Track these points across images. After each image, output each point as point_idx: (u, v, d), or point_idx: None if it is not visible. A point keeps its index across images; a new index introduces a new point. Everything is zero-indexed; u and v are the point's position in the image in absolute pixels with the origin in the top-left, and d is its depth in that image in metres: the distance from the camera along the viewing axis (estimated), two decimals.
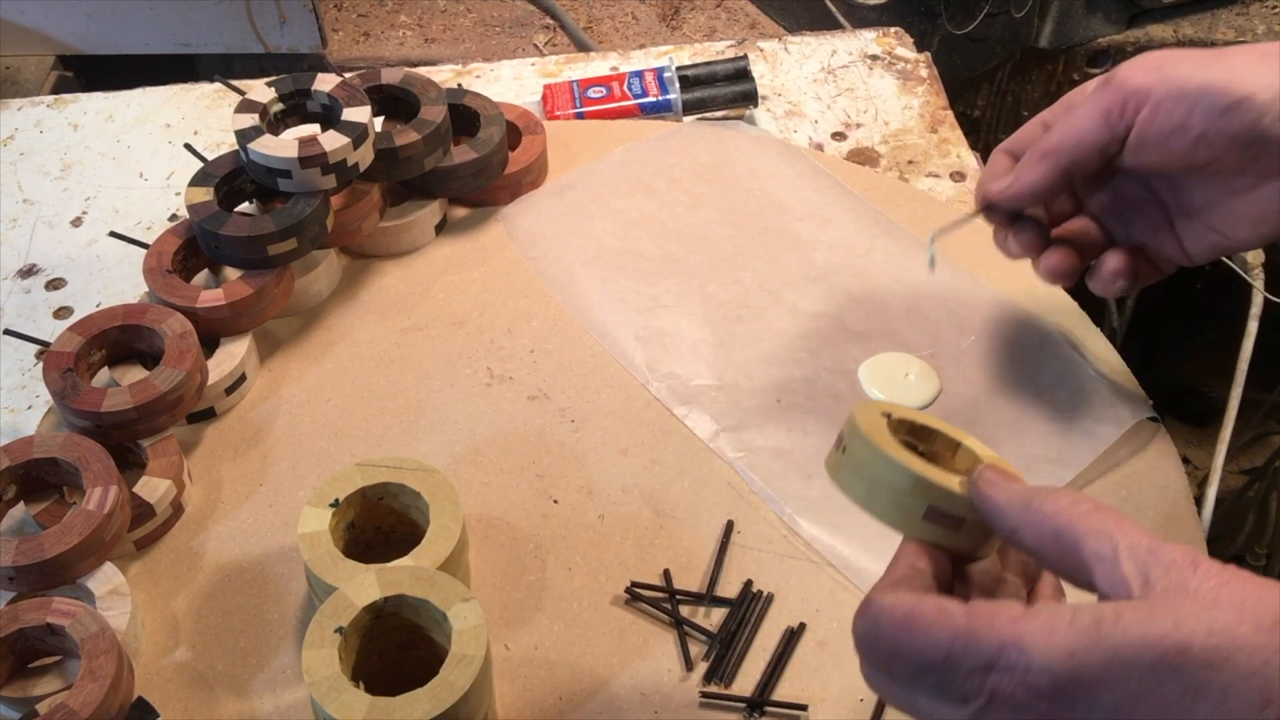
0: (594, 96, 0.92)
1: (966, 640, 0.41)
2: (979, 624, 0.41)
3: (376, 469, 0.62)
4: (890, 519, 0.46)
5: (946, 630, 0.41)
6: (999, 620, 0.40)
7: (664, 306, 0.77)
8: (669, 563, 0.65)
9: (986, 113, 1.29)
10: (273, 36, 1.12)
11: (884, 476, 0.45)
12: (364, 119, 0.75)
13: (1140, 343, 1.50)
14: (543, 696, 0.60)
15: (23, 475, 0.64)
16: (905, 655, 0.42)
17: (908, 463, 0.45)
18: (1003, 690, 0.40)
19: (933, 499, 0.45)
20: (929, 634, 0.41)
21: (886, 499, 0.45)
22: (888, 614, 0.43)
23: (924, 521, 0.45)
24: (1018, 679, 0.39)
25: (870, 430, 0.46)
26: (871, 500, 0.46)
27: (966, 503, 0.45)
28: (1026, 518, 0.43)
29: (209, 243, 0.74)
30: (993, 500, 0.44)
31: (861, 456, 0.46)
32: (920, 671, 0.42)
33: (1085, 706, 0.39)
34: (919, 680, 0.42)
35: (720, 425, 0.71)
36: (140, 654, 0.62)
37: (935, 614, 0.42)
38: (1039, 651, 0.39)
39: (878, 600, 0.43)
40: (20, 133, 0.96)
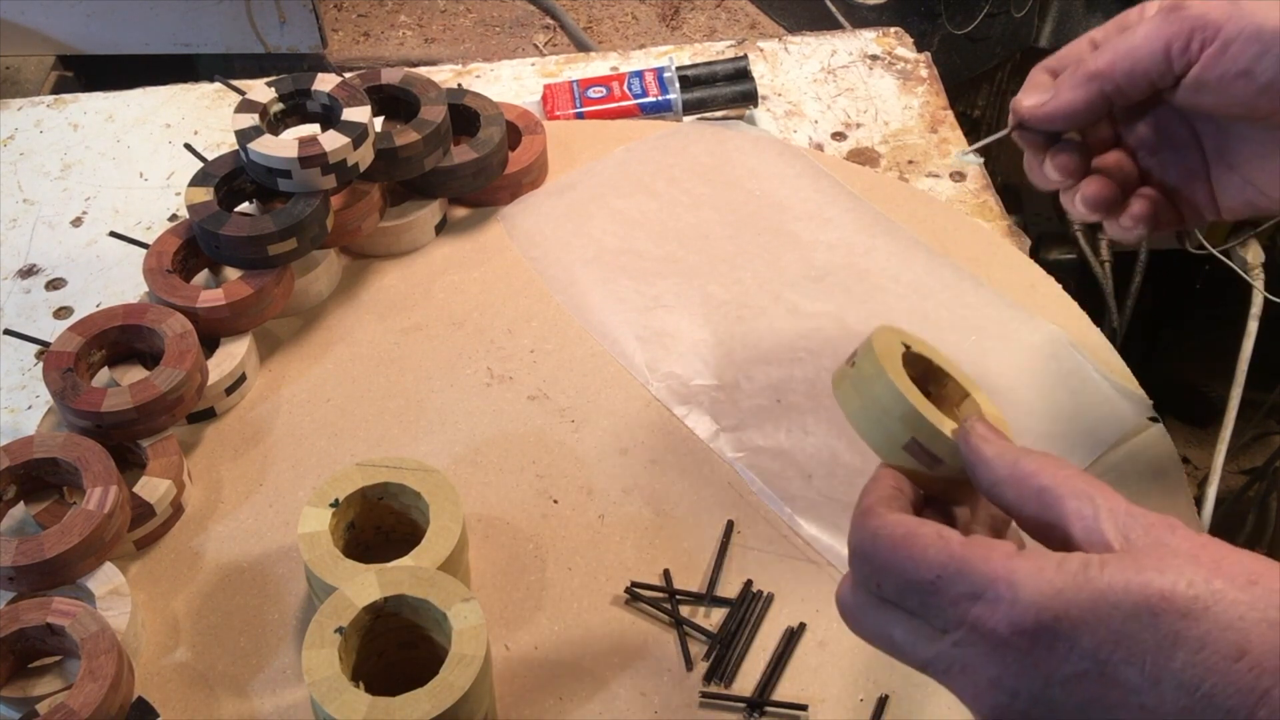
0: (594, 96, 0.92)
1: (959, 566, 0.41)
2: (974, 554, 0.41)
3: (376, 469, 0.62)
4: (873, 439, 0.47)
5: (941, 554, 0.42)
6: (994, 554, 0.41)
7: (664, 306, 0.77)
8: (669, 563, 0.65)
9: (986, 113, 1.29)
10: (273, 36, 1.12)
11: (879, 397, 0.46)
12: (364, 119, 0.75)
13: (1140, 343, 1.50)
14: (543, 696, 0.60)
15: (23, 475, 0.64)
16: (896, 572, 0.43)
17: (905, 391, 0.46)
18: (984, 622, 0.40)
19: (918, 432, 0.46)
20: (924, 554, 0.42)
21: (875, 419, 0.46)
22: (888, 530, 0.43)
23: (903, 451, 0.46)
24: (1002, 612, 0.40)
25: (882, 353, 0.47)
26: (861, 417, 0.47)
27: (950, 446, 0.46)
28: (1010, 473, 0.44)
29: (209, 243, 0.74)
30: (980, 453, 0.45)
31: (865, 373, 0.47)
32: (906, 590, 0.42)
33: (1065, 646, 0.39)
34: (903, 599, 0.43)
35: (720, 425, 0.71)
36: (140, 654, 0.62)
37: (934, 537, 0.42)
38: (1028, 588, 0.40)
39: (880, 515, 0.44)
40: (20, 133, 0.96)
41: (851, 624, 0.46)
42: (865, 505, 0.45)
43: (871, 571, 0.44)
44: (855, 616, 0.45)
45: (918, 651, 0.43)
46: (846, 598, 0.46)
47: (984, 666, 0.41)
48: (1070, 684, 0.39)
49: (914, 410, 0.46)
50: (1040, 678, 0.40)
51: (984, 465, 0.45)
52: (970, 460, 0.45)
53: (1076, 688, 0.39)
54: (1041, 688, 0.40)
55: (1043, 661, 0.40)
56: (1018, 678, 0.40)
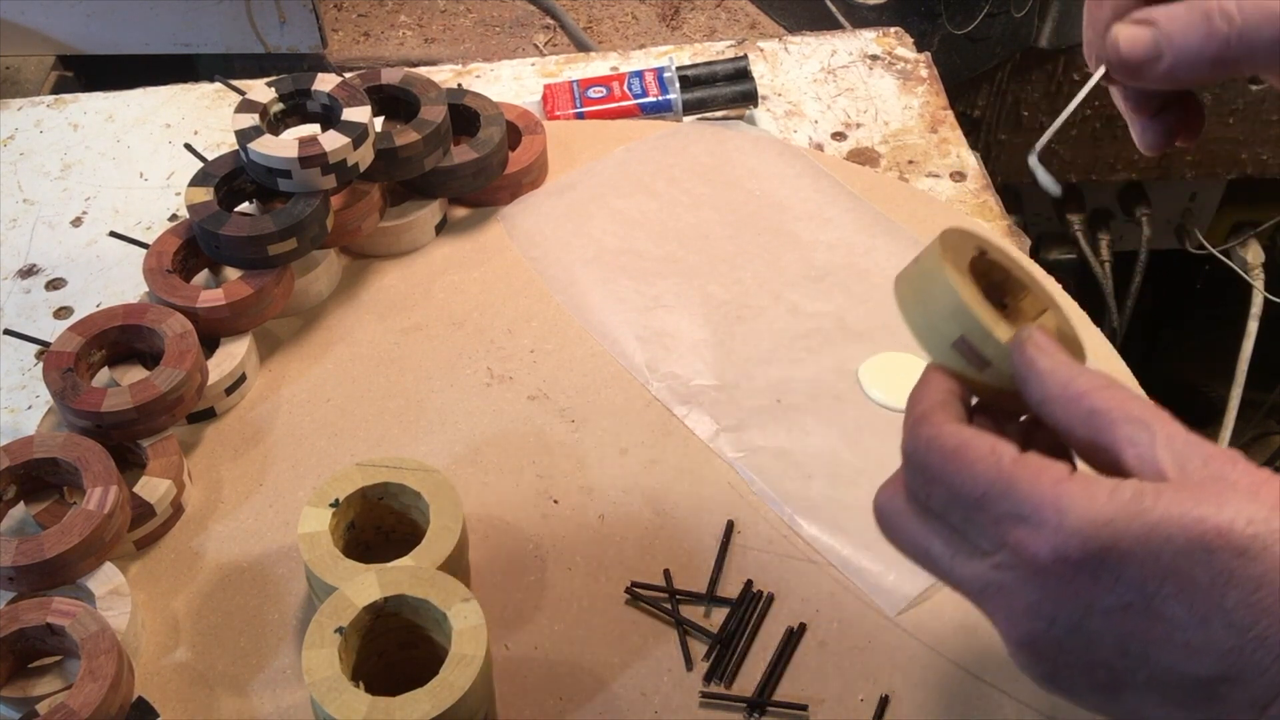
0: (594, 96, 0.92)
1: (1006, 485, 0.39)
2: (1023, 474, 0.39)
3: (376, 469, 0.62)
4: (922, 333, 0.45)
5: (990, 471, 0.40)
6: (1043, 476, 0.39)
7: (664, 306, 0.77)
8: (669, 563, 0.65)
9: (986, 113, 1.29)
10: (273, 36, 1.12)
11: (933, 291, 0.44)
12: (364, 119, 0.75)
13: (1140, 343, 1.50)
14: (543, 696, 0.60)
15: (23, 475, 0.64)
16: (944, 483, 0.41)
17: (959, 286, 0.44)
18: (1026, 546, 0.39)
19: (968, 330, 0.44)
20: (972, 469, 0.40)
21: (926, 314, 0.45)
22: (942, 439, 0.41)
23: (952, 349, 0.44)
24: (1045, 538, 0.38)
25: (946, 250, 0.45)
26: (914, 310, 0.45)
27: (1002, 351, 0.43)
28: (1061, 391, 0.42)
29: (209, 243, 0.74)
30: (1033, 364, 0.42)
31: (924, 266, 0.45)
32: (951, 504, 0.41)
33: (1110, 578, 0.38)
34: (948, 513, 0.41)
35: (720, 425, 0.71)
36: (140, 654, 0.62)
37: (986, 452, 0.40)
38: (1076, 513, 0.38)
39: (936, 422, 0.42)
40: (20, 133, 0.96)
41: (888, 531, 0.44)
42: (920, 411, 0.43)
43: (923, 481, 0.42)
44: (894, 524, 0.44)
45: (954, 569, 0.42)
46: (889, 504, 0.44)
47: (1022, 592, 0.39)
48: (1112, 615, 0.38)
49: (965, 306, 0.44)
50: (1080, 607, 0.39)
51: (1035, 378, 0.42)
52: (1021, 372, 0.43)
53: (1118, 620, 0.38)
54: (1080, 617, 0.39)
55: (1085, 591, 0.38)
56: (1056, 605, 0.39)
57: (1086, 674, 0.40)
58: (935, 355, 0.45)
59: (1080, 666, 0.40)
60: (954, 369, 0.45)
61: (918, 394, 0.44)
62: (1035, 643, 0.40)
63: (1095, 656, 0.39)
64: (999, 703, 0.59)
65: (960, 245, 0.46)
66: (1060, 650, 0.40)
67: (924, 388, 0.44)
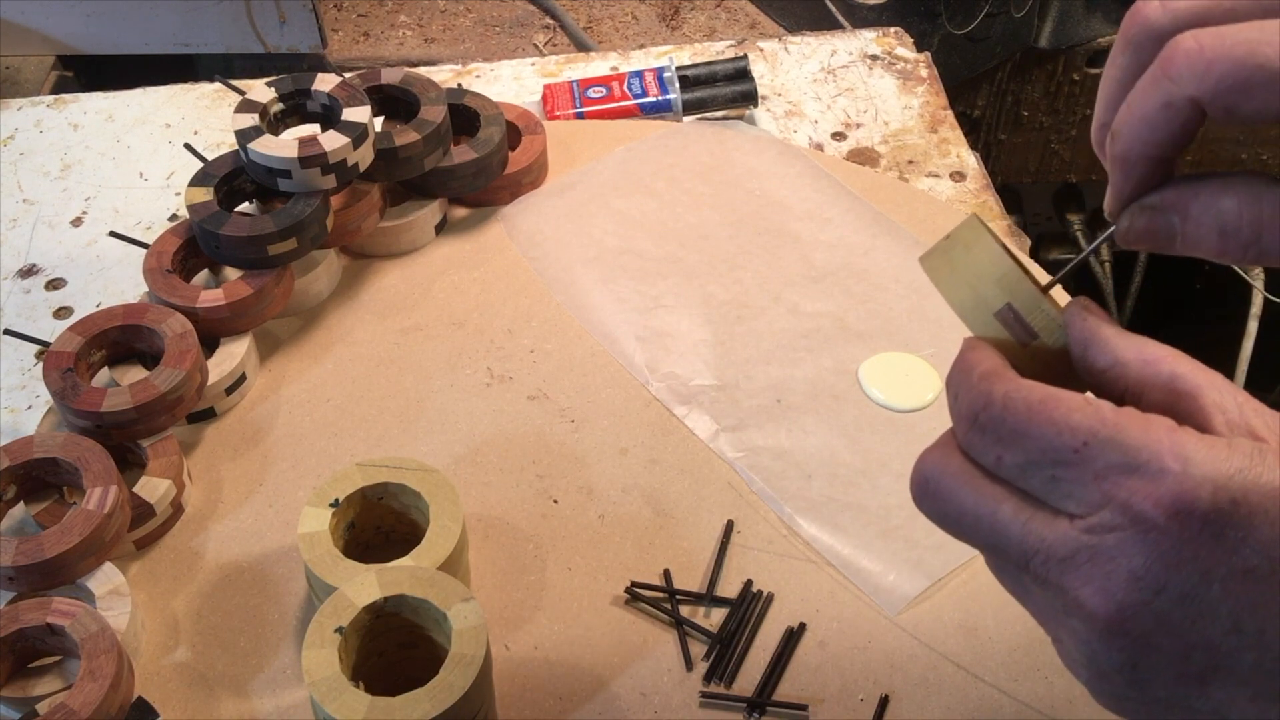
0: (594, 96, 0.92)
1: (1113, 434, 0.35)
2: (1133, 423, 0.35)
3: (376, 469, 0.62)
4: (963, 303, 0.42)
5: (1091, 419, 0.35)
6: (1154, 425, 0.35)
7: (664, 306, 0.77)
8: (669, 563, 0.65)
9: (986, 113, 1.29)
10: (273, 36, 1.12)
11: (975, 260, 0.42)
12: (364, 119, 0.75)
13: None
14: (543, 696, 0.60)
15: (23, 475, 0.64)
16: (1031, 437, 0.36)
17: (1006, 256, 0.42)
18: (1137, 501, 0.34)
19: (1015, 297, 0.41)
20: (1069, 418, 0.36)
21: (968, 283, 0.42)
22: (1023, 393, 0.37)
23: (995, 319, 0.41)
24: (1166, 488, 0.34)
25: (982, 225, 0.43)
26: (952, 281, 0.43)
27: (1050, 322, 0.41)
28: (1137, 354, 0.38)
29: (209, 243, 0.74)
30: (1099, 329, 0.39)
31: (962, 238, 0.43)
32: (1037, 462, 0.36)
33: (1237, 536, 0.34)
34: (1025, 475, 0.37)
35: (720, 425, 0.71)
36: (140, 654, 0.62)
37: (1081, 402, 0.36)
38: (1201, 462, 0.34)
39: (1010, 378, 0.38)
40: (20, 133, 0.96)
41: (936, 503, 0.39)
42: (985, 369, 0.38)
43: (994, 441, 0.37)
44: (947, 489, 0.39)
45: (1027, 536, 0.37)
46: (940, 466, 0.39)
47: (1126, 555, 0.35)
48: (1233, 582, 0.34)
49: (1014, 271, 0.41)
50: (1198, 572, 0.34)
51: (1102, 343, 0.39)
52: (1084, 337, 0.39)
53: (1239, 587, 0.34)
54: (1196, 584, 0.34)
55: (1205, 552, 0.34)
56: (1170, 570, 0.34)
57: (1180, 660, 0.35)
58: (974, 325, 0.42)
59: (1177, 650, 0.35)
60: (995, 340, 0.42)
61: (971, 358, 0.40)
62: (1129, 620, 0.35)
63: (1200, 635, 0.35)
64: (999, 703, 0.59)
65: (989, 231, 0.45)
66: (1159, 627, 0.35)
67: (976, 352, 0.40)
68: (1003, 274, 0.41)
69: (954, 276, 0.43)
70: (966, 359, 0.40)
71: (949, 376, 0.40)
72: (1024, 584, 0.39)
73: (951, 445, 0.40)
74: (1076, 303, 0.41)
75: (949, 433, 0.40)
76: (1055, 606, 0.37)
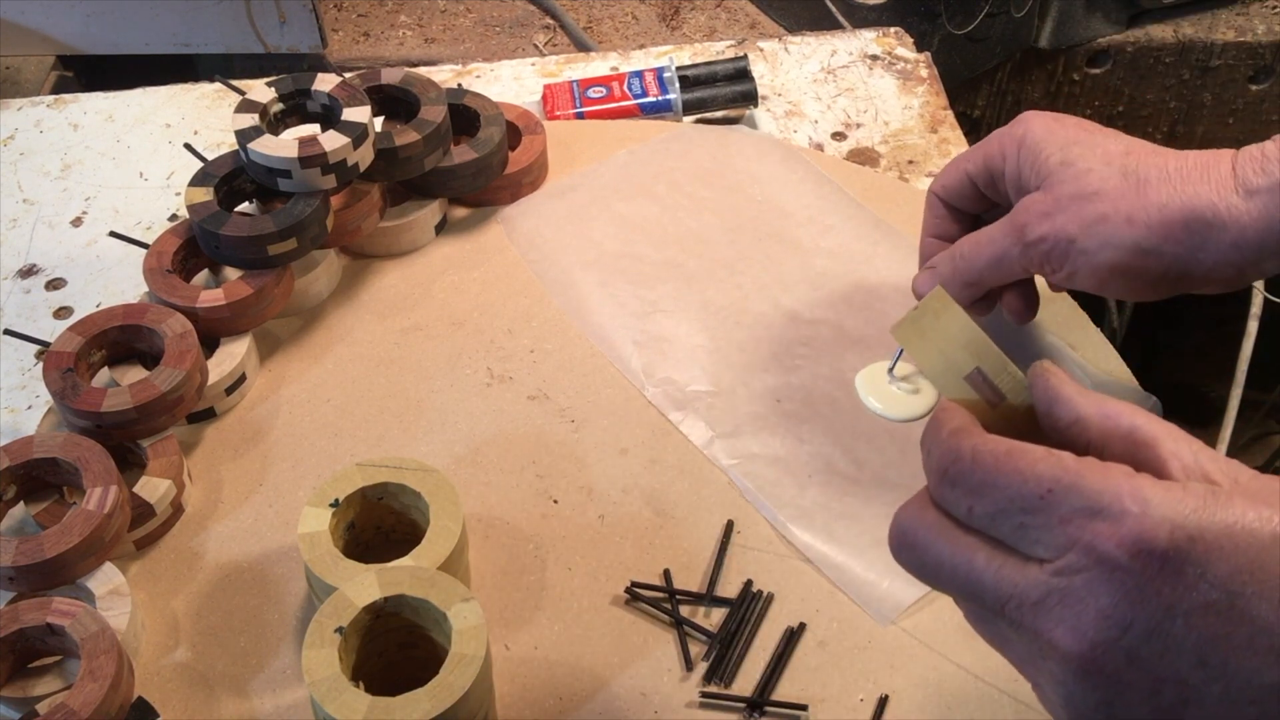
0: (594, 96, 0.92)
1: (1075, 480, 0.37)
2: (1092, 470, 0.37)
3: (376, 469, 0.62)
4: (934, 368, 0.45)
5: (1054, 468, 0.38)
6: (1112, 471, 0.37)
7: (662, 311, 0.77)
8: (669, 563, 0.65)
9: (986, 113, 1.29)
10: (273, 36, 1.12)
11: (945, 327, 0.45)
12: (364, 119, 0.75)
13: (1140, 343, 1.50)
14: (543, 696, 0.60)
15: (23, 475, 0.64)
16: (998, 488, 0.38)
17: (973, 323, 0.45)
18: (1102, 542, 0.36)
19: (983, 361, 0.44)
20: (1034, 468, 0.38)
21: (938, 348, 0.45)
22: (990, 446, 0.39)
23: (964, 382, 0.44)
24: (1127, 529, 0.36)
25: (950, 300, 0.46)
26: (923, 348, 0.46)
27: (1016, 383, 0.44)
28: (1096, 411, 0.41)
29: (209, 243, 0.74)
30: (1060, 389, 0.42)
31: (931, 307, 0.46)
32: (1004, 512, 0.38)
33: (1195, 572, 0.35)
34: (995, 524, 0.39)
35: (715, 432, 0.71)
36: (140, 654, 0.62)
37: (1044, 453, 0.38)
38: (1159, 503, 0.36)
39: (977, 433, 0.40)
40: (20, 133, 0.96)
41: (914, 554, 0.41)
42: (954, 426, 0.41)
43: (965, 493, 0.39)
44: (923, 540, 0.41)
45: (1000, 582, 0.38)
46: (915, 520, 0.41)
47: (1093, 595, 0.36)
48: (1195, 617, 0.36)
49: (981, 338, 0.44)
50: (1161, 608, 0.36)
51: (1065, 401, 0.41)
52: (1047, 397, 0.42)
53: (1202, 621, 0.36)
54: (1160, 620, 0.36)
55: (1167, 589, 0.36)
56: (1135, 607, 0.36)
57: (1151, 695, 0.37)
58: (946, 390, 0.45)
59: (1147, 685, 0.37)
60: (966, 401, 0.44)
61: (943, 416, 0.42)
62: (1100, 658, 0.37)
63: (1169, 669, 0.36)
64: (999, 703, 0.59)
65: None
66: (1129, 664, 0.36)
67: (947, 412, 0.43)
68: (970, 339, 0.44)
69: (925, 343, 0.46)
70: (938, 418, 0.42)
71: (923, 435, 0.43)
72: (1001, 631, 0.40)
73: (927, 500, 0.42)
74: (1039, 365, 0.43)
75: (925, 488, 0.42)
76: (1032, 651, 0.39)
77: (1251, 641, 0.36)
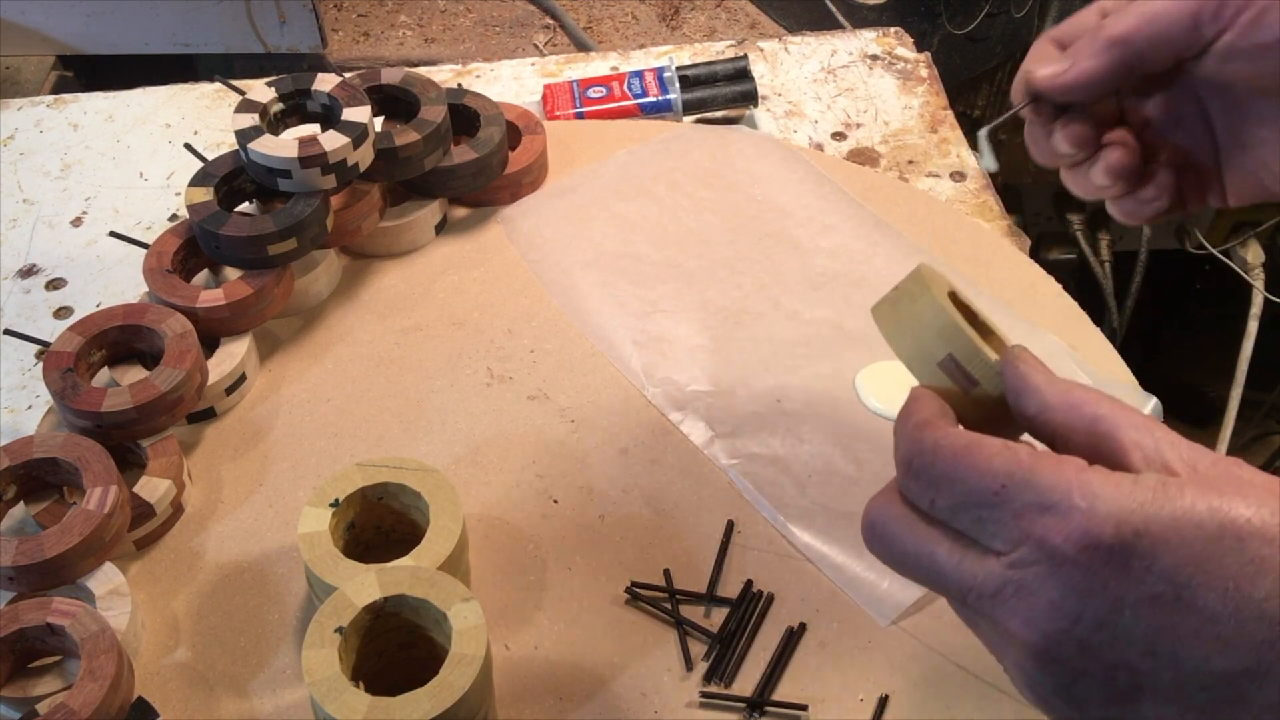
0: (594, 96, 0.92)
1: (1028, 476, 0.38)
2: (1044, 465, 0.38)
3: (376, 469, 0.62)
4: (908, 354, 0.45)
5: (1008, 463, 0.38)
6: (1065, 466, 0.38)
7: (662, 311, 0.77)
8: (669, 563, 0.65)
9: (986, 113, 1.29)
10: (273, 36, 1.12)
11: (919, 312, 0.45)
12: (364, 119, 0.75)
13: (1140, 343, 1.50)
14: (543, 696, 0.60)
15: (23, 475, 0.64)
16: (956, 482, 0.39)
17: (947, 308, 0.45)
18: (1051, 537, 0.37)
19: (955, 348, 0.44)
20: (989, 463, 0.39)
21: (912, 334, 0.45)
22: (950, 440, 0.40)
23: (938, 369, 0.44)
24: (1075, 524, 0.36)
25: (928, 278, 0.46)
26: (897, 332, 0.46)
27: (989, 369, 0.44)
28: (1062, 400, 0.41)
29: (209, 243, 0.74)
30: (1029, 377, 0.42)
31: (907, 290, 0.46)
32: (963, 505, 0.39)
33: (1142, 565, 0.36)
34: (956, 516, 0.40)
35: (715, 432, 0.71)
36: (140, 654, 0.62)
37: (999, 447, 0.39)
38: (1106, 499, 0.36)
39: (940, 426, 0.41)
40: (20, 133, 0.96)
41: (883, 542, 0.42)
42: (920, 419, 0.42)
43: (926, 485, 0.40)
44: (890, 533, 0.42)
45: (961, 574, 0.39)
46: (883, 512, 0.42)
47: (1044, 588, 0.37)
48: (1142, 608, 0.36)
49: (953, 324, 0.44)
50: (1109, 600, 0.37)
51: (1032, 391, 0.42)
52: (1016, 385, 0.42)
53: (1149, 612, 0.36)
54: (1109, 611, 0.37)
55: (1114, 581, 0.36)
56: (1084, 599, 0.37)
57: (1106, 681, 0.38)
58: (919, 375, 0.46)
59: (1100, 672, 0.38)
60: (939, 389, 0.45)
61: (911, 407, 0.43)
62: (1054, 647, 0.38)
63: (1119, 658, 0.37)
64: (999, 703, 0.59)
65: (937, 278, 0.47)
66: (1081, 653, 0.38)
67: (917, 402, 0.43)
68: (943, 326, 0.44)
69: (900, 327, 0.46)
70: (907, 408, 0.43)
71: (895, 424, 0.43)
72: (969, 617, 0.41)
73: (894, 492, 0.43)
74: (1010, 352, 0.43)
75: (894, 480, 0.43)
76: (994, 637, 0.40)
77: (1199, 631, 0.36)
